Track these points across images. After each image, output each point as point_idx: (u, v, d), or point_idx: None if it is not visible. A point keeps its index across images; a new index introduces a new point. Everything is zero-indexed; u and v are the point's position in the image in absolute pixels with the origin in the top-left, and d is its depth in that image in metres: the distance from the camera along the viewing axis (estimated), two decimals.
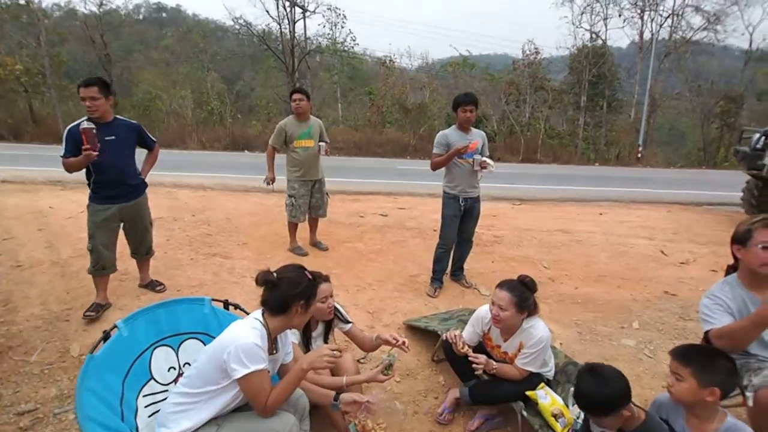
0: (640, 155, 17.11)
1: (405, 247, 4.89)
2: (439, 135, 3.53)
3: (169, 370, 1.95)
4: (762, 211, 5.67)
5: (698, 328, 1.95)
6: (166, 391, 1.87)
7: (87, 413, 1.53)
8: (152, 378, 1.88)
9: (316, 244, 4.68)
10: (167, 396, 1.77)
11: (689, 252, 5.11)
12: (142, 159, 3.31)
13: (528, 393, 2.06)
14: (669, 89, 20.98)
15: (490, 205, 6.90)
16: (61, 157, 2.85)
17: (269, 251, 4.52)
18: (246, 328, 1.63)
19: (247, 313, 1.76)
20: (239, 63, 27.69)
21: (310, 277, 1.77)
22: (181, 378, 1.82)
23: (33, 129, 16.61)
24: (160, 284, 3.54)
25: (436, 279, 3.79)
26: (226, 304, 2.19)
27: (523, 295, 2.04)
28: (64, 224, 5.04)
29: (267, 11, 20.38)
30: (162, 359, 1.93)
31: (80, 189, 5.81)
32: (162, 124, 18.10)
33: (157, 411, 1.77)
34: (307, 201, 4.39)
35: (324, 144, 4.28)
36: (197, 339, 2.03)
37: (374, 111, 19.07)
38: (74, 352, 2.71)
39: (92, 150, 2.73)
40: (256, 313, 1.74)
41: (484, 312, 2.21)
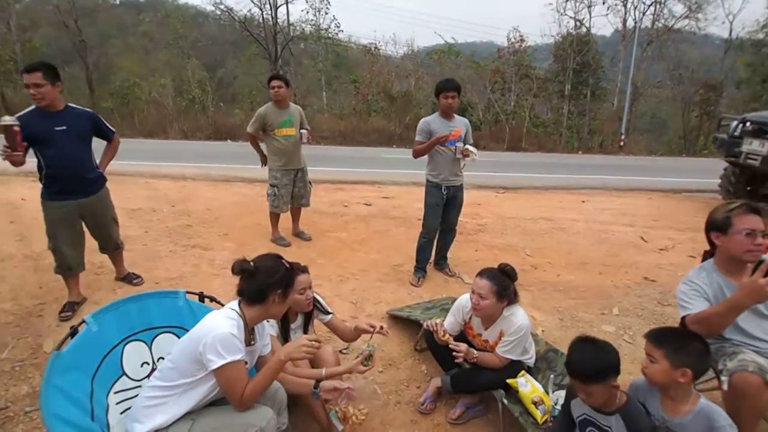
0: (622, 143, 17.30)
1: (389, 237, 4.86)
2: (421, 122, 3.48)
3: (142, 366, 1.90)
4: (739, 197, 5.79)
5: (676, 313, 1.97)
6: (140, 387, 1.82)
7: (53, 412, 1.48)
8: (124, 374, 1.82)
9: (299, 234, 4.62)
10: (141, 392, 1.73)
11: (668, 238, 5.19)
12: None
13: (509, 381, 2.07)
14: (651, 77, 21.20)
15: (474, 194, 6.90)
16: None
17: (251, 242, 4.45)
18: (222, 318, 1.59)
19: (224, 306, 1.72)
20: (221, 50, 27.11)
21: (287, 266, 1.73)
22: (154, 372, 1.77)
23: None
24: (137, 277, 3.45)
25: (420, 268, 3.77)
26: (202, 297, 2.13)
27: (503, 283, 2.03)
28: (37, 216, 4.76)
29: None
30: (134, 354, 1.87)
31: None
32: (142, 113, 17.61)
33: (130, 408, 1.72)
34: (289, 190, 4.32)
35: (305, 131, 4.20)
36: (171, 333, 1.98)
37: (359, 99, 18.87)
38: (47, 349, 2.63)
39: (14, 152, 2.46)
40: (232, 303, 1.70)
41: (465, 301, 2.20)
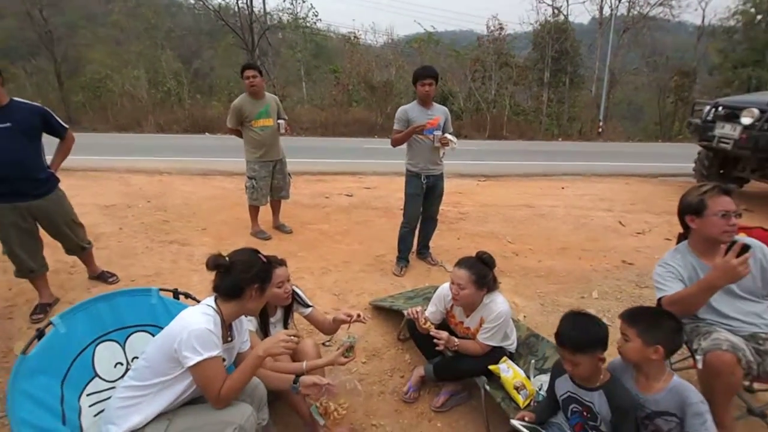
0: (600, 130, 17.56)
1: (371, 227, 4.83)
2: (399, 110, 3.44)
3: (115, 366, 1.83)
4: (712, 180, 5.92)
5: (653, 295, 2.00)
6: (113, 388, 1.76)
7: (21, 417, 1.42)
8: (96, 375, 1.76)
9: (279, 227, 4.55)
10: (114, 392, 1.67)
11: (645, 222, 5.30)
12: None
13: (491, 367, 2.07)
14: (627, 64, 21.45)
15: (455, 182, 6.91)
16: None
17: (230, 236, 4.37)
18: (197, 314, 1.55)
19: (199, 302, 1.68)
20: (196, 40, 26.35)
21: (264, 260, 1.70)
22: (128, 372, 1.72)
23: None
24: (112, 275, 3.35)
25: (402, 258, 3.76)
26: (176, 294, 2.07)
27: (481, 272, 2.03)
28: None
29: None
30: (107, 355, 1.81)
31: None
32: (115, 107, 17.12)
33: (104, 410, 1.66)
34: (268, 183, 4.24)
35: (283, 121, 4.12)
36: (145, 331, 1.92)
37: (340, 90, 18.64)
38: (18, 352, 2.53)
39: None
40: (208, 299, 1.66)
41: (446, 290, 2.20)
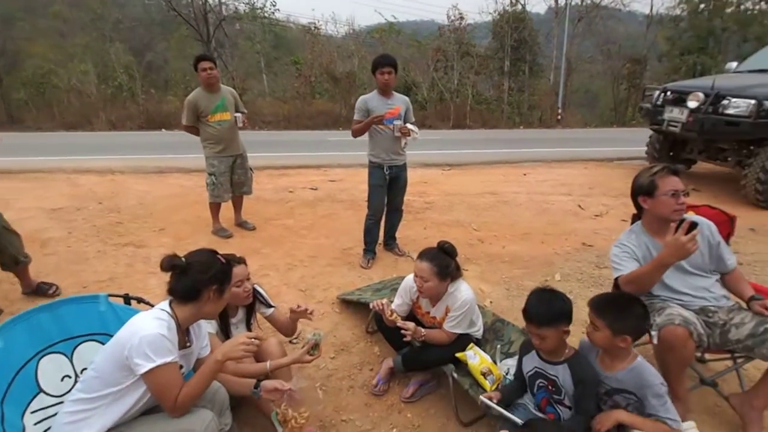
0: (559, 117, 18.07)
1: (337, 221, 4.77)
2: (359, 100, 3.39)
3: (62, 380, 1.71)
4: (662, 162, 6.20)
5: (612, 274, 2.06)
6: (61, 403, 1.65)
7: None
8: (41, 391, 1.64)
9: (242, 224, 4.42)
10: (62, 407, 1.56)
11: (603, 205, 5.49)
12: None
13: (458, 355, 2.08)
14: (583, 53, 22.12)
15: (420, 172, 6.93)
16: None
17: (190, 236, 4.20)
18: (149, 319, 1.47)
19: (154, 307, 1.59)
20: (147, 32, 25.13)
21: (222, 260, 1.62)
22: (76, 384, 1.61)
23: None
24: (51, 286, 3.07)
25: (369, 250, 3.73)
26: (127, 299, 1.96)
27: (443, 262, 2.03)
28: None
29: None
30: (52, 368, 1.69)
31: None
32: (62, 103, 16.06)
33: (51, 427, 1.55)
34: (228, 178, 4.10)
35: (241, 115, 3.97)
36: (95, 341, 1.80)
37: (302, 82, 18.25)
38: None
39: None
40: (162, 303, 1.57)
41: (411, 282, 2.19)
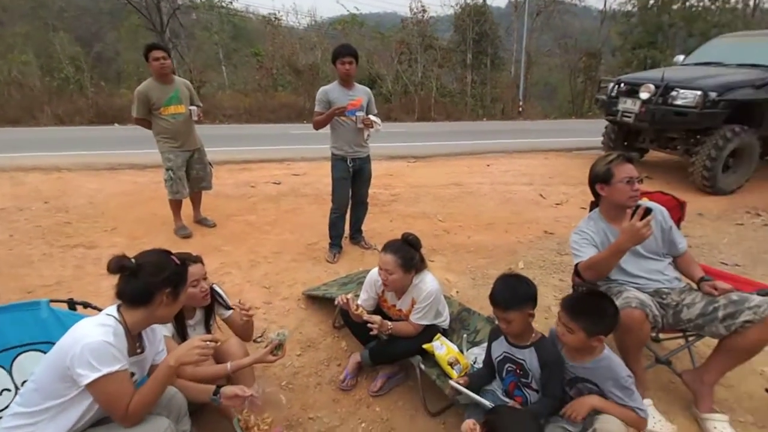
0: (521, 109, 18.50)
1: (301, 215, 4.67)
2: (319, 91, 3.30)
3: (1, 393, 1.58)
4: (617, 151, 6.45)
5: (572, 261, 2.10)
6: (0, 418, 1.52)
7: None
8: None
9: (201, 221, 4.25)
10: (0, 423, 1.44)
11: (563, 193, 5.66)
12: None
13: (425, 346, 2.08)
14: (541, 47, 22.72)
15: (385, 165, 6.91)
16: None
17: (145, 234, 4.00)
18: (93, 326, 1.36)
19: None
20: (95, 21, 23.78)
21: (177, 261, 1.52)
22: (16, 397, 1.48)
23: None
24: None
25: (335, 244, 3.67)
26: (72, 304, 1.82)
27: (407, 255, 2.02)
28: None
29: None
30: None
31: None
32: (2, 97, 14.94)
33: None
34: (185, 173, 3.91)
35: (196, 108, 3.79)
36: (36, 350, 1.67)
37: (264, 74, 17.80)
38: None
39: None
40: (109, 308, 1.47)
41: (376, 276, 2.16)
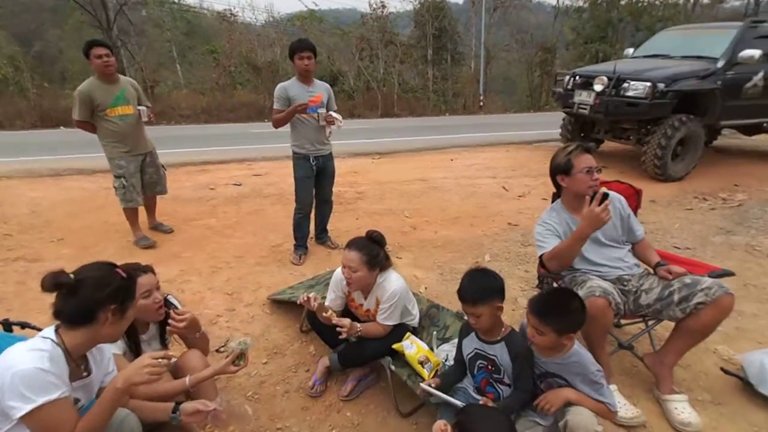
0: (482, 104, 18.84)
1: (264, 217, 4.53)
2: (278, 88, 3.18)
3: None
4: (575, 142, 6.64)
5: (536, 252, 2.12)
6: None
7: None
8: None
9: (156, 227, 4.04)
10: None
11: (525, 185, 5.77)
12: None
13: (394, 346, 2.04)
14: (499, 42, 23.20)
15: (350, 162, 6.84)
16: None
17: (96, 244, 3.76)
18: (24, 351, 1.23)
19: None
20: (35, 18, 22.35)
21: (123, 275, 1.40)
22: None
23: None
24: None
25: (300, 246, 3.58)
26: (7, 325, 1.66)
27: (372, 252, 1.97)
28: None
29: None
30: None
31: None
32: None
33: None
34: (139, 179, 3.69)
35: (145, 108, 3.57)
36: None
37: (221, 72, 17.26)
38: None
39: None
40: (46, 330, 1.33)
41: (341, 274, 2.09)
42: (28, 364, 1.18)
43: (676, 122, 5.45)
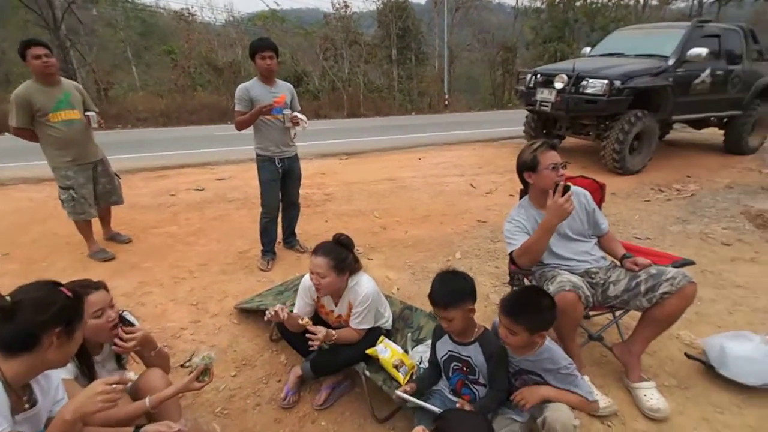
0: (447, 102, 19.07)
1: (229, 222, 4.38)
2: (239, 89, 3.06)
3: None
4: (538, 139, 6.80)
5: (506, 247, 2.13)
6: None
7: None
8: None
9: (113, 238, 3.81)
10: None
11: (492, 182, 5.84)
12: None
13: (368, 351, 1.99)
14: (462, 42, 23.57)
15: (317, 163, 6.74)
16: None
17: (45, 258, 3.52)
18: None
19: None
20: None
21: (68, 294, 1.27)
22: None
23: None
24: None
25: (267, 251, 3.47)
26: None
27: (339, 256, 1.91)
28: None
29: None
30: None
31: None
32: None
33: None
34: (90, 190, 3.44)
35: (94, 114, 3.31)
36: None
37: (180, 73, 16.71)
38: None
39: None
40: None
41: (310, 281, 2.03)
42: None
43: (633, 118, 5.66)
